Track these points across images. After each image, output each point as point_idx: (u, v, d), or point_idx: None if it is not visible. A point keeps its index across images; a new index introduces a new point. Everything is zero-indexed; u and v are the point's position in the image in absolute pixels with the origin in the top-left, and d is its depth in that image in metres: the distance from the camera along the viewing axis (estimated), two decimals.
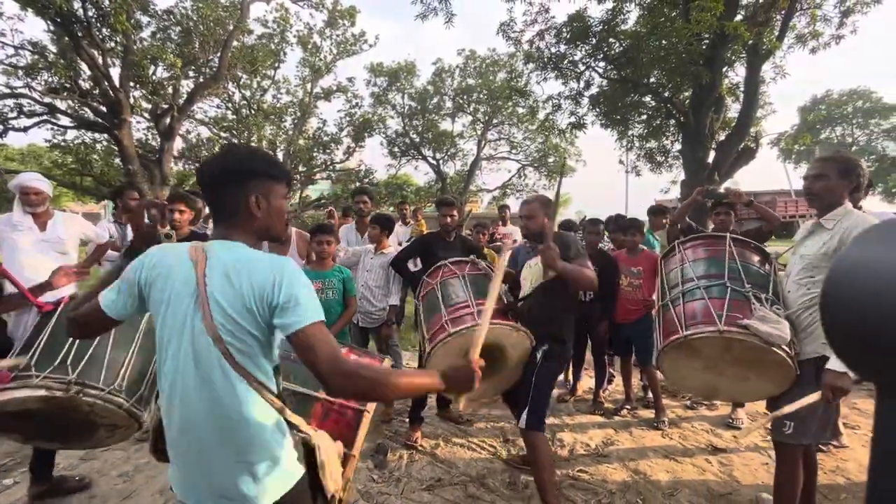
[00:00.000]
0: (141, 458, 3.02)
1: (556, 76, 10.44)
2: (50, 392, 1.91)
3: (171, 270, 1.11)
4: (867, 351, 0.42)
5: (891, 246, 0.41)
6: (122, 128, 10.85)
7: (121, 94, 10.84)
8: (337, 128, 19.67)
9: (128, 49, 10.81)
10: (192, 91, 12.87)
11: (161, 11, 12.00)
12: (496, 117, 21.82)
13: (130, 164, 10.86)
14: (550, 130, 12.46)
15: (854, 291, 0.42)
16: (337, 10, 16.76)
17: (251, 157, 1.19)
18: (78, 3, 9.44)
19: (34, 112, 11.72)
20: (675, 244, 2.69)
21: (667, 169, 12.61)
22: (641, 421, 3.64)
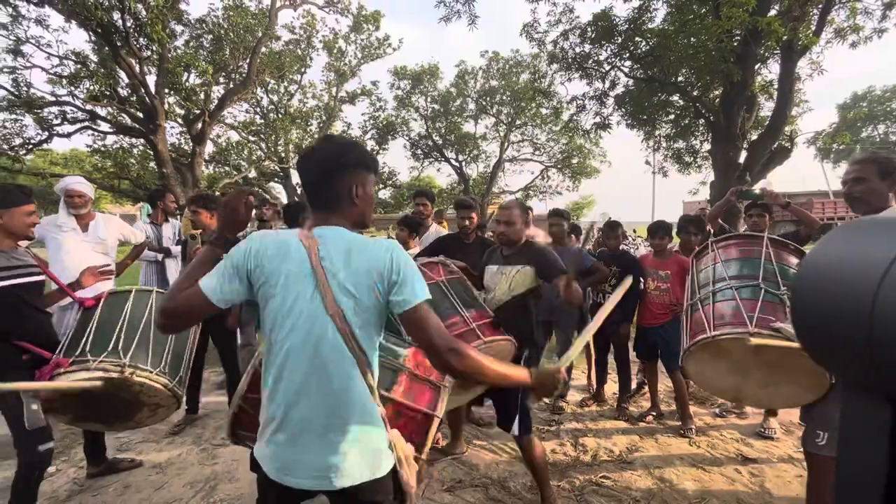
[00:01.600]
0: (173, 451, 3.14)
1: (580, 76, 10.31)
2: (107, 373, 2.13)
3: (285, 256, 1.14)
4: (830, 344, 0.43)
5: (853, 243, 0.43)
6: (157, 133, 11.31)
7: (156, 101, 11.30)
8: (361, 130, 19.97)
9: (163, 57, 11.26)
10: (223, 96, 13.30)
11: (194, 21, 12.46)
12: (519, 119, 21.70)
13: (164, 168, 11.30)
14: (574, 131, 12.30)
15: (817, 288, 0.44)
16: (362, 15, 17.02)
17: (351, 148, 1.25)
18: (117, 15, 9.90)
19: (77, 119, 12.35)
20: (708, 242, 2.63)
21: (695, 170, 12.27)
22: (667, 428, 3.55)
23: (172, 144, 13.55)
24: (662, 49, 8.64)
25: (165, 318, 1.14)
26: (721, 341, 2.06)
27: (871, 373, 0.39)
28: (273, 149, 18.47)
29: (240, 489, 2.68)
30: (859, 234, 0.44)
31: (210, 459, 3.02)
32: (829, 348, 0.44)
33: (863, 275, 0.38)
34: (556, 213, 4.03)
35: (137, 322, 2.39)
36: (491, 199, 22.79)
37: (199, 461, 3.00)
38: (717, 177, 8.98)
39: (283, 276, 1.14)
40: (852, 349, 0.40)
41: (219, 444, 3.23)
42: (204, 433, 3.40)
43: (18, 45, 11.08)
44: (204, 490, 2.67)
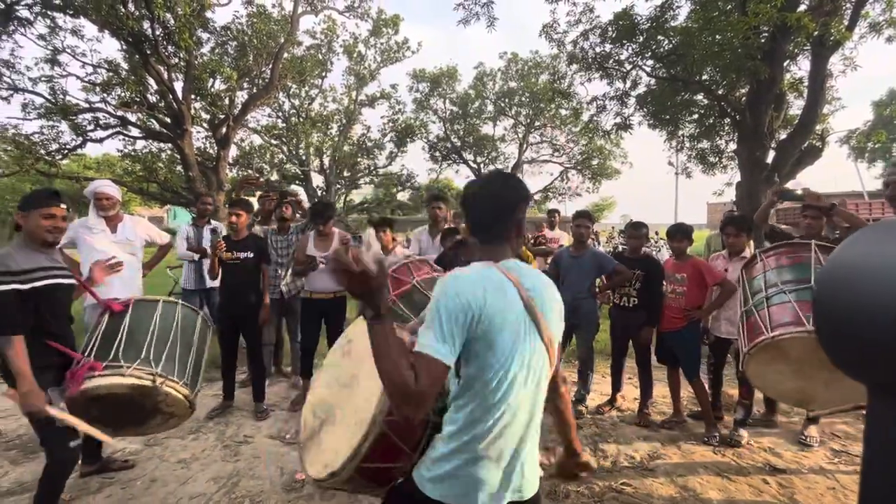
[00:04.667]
0: (197, 446, 3.22)
1: (600, 76, 10.16)
2: (140, 381, 2.22)
3: (502, 295, 1.15)
4: (855, 351, 0.42)
5: (880, 248, 0.42)
6: (184, 137, 11.65)
7: (183, 107, 11.64)
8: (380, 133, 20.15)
9: (190, 64, 11.59)
10: (247, 101, 13.60)
11: (219, 28, 12.78)
12: (538, 120, 21.54)
13: (191, 171, 11.63)
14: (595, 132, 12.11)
15: (843, 293, 0.43)
16: (381, 20, 17.19)
17: (523, 184, 1.33)
18: (147, 24, 10.24)
19: (109, 124, 12.82)
20: (756, 253, 2.64)
21: (720, 170, 11.94)
22: (691, 435, 3.46)
23: (198, 148, 13.93)
24: (686, 47, 8.45)
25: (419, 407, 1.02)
26: (781, 342, 2.06)
27: None
28: (294, 152, 18.79)
29: (261, 486, 2.72)
30: (884, 234, 0.42)
31: (232, 456, 3.08)
32: (852, 351, 0.43)
33: (889, 275, 0.37)
34: (582, 215, 3.98)
35: (166, 333, 2.47)
36: None
37: (221, 457, 3.07)
38: (743, 177, 8.73)
39: (504, 316, 1.14)
40: (878, 351, 0.39)
41: (241, 441, 3.30)
42: (227, 430, 3.48)
43: (55, 54, 11.58)
44: (227, 486, 2.72)
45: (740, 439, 3.28)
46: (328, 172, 19.40)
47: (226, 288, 3.79)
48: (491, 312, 1.11)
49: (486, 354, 1.12)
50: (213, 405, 3.78)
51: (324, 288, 3.90)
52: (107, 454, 2.97)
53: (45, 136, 12.51)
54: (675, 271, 3.59)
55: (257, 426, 3.55)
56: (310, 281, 3.94)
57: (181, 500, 2.59)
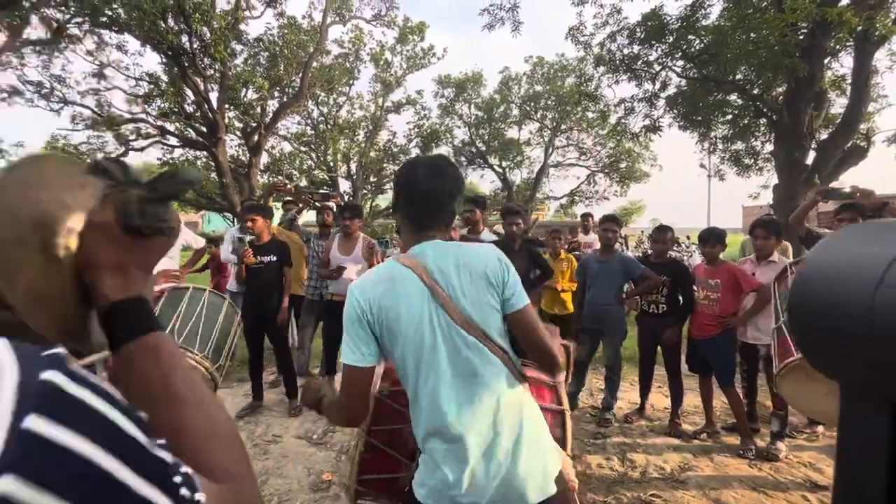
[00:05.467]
0: None
1: (628, 78, 10.00)
2: None
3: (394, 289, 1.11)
4: (828, 350, 0.42)
5: (856, 244, 0.41)
6: (219, 145, 12.12)
7: (218, 116, 12.12)
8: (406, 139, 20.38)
9: (224, 75, 12.07)
10: (277, 110, 14.04)
11: (252, 39, 13.27)
12: (564, 123, 21.33)
13: (224, 178, 12.07)
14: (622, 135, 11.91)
15: (816, 292, 0.42)
16: (407, 27, 17.43)
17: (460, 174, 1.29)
18: (185, 38, 10.74)
19: (149, 134, 13.49)
20: (787, 266, 2.55)
21: (756, 172, 11.52)
22: (724, 447, 3.33)
23: (231, 156, 14.45)
24: (718, 46, 8.21)
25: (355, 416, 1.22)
26: None
27: (870, 375, 0.38)
28: (322, 158, 19.23)
29: (288, 484, 2.79)
30: (863, 233, 0.43)
31: (262, 454, 3.17)
32: (824, 349, 0.44)
33: (862, 272, 0.38)
34: (609, 219, 3.93)
35: (191, 313, 2.66)
36: (535, 204, 22.50)
37: (251, 455, 3.14)
38: (781, 179, 8.38)
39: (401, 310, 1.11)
40: (849, 349, 0.39)
41: (269, 440, 3.38)
42: (256, 429, 3.57)
43: (102, 68, 12.29)
44: None
45: (778, 453, 3.14)
46: (355, 178, 19.74)
47: (249, 291, 3.90)
48: (384, 306, 1.09)
49: (395, 350, 1.11)
50: (243, 405, 3.90)
51: (346, 290, 3.96)
52: None
53: (91, 146, 13.28)
54: (708, 277, 3.48)
55: (285, 426, 3.64)
56: (333, 283, 4.01)
57: None
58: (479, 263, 1.14)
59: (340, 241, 4.01)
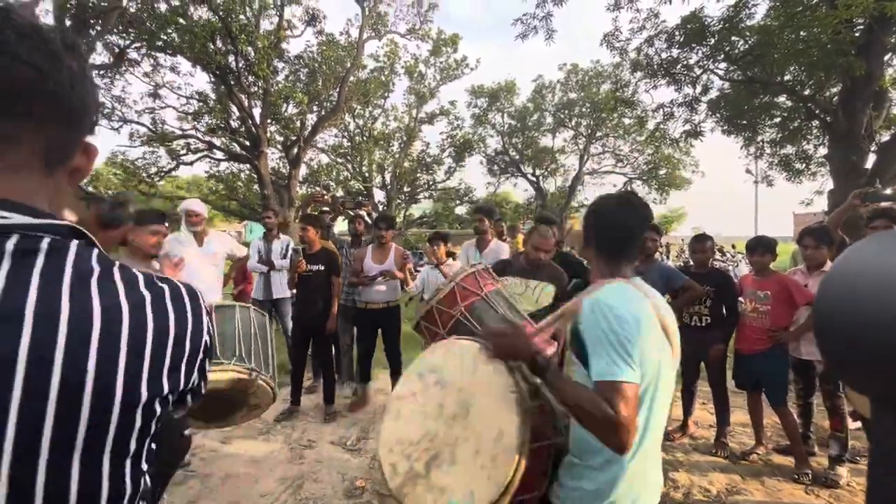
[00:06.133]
0: (267, 448, 3.42)
1: (667, 83, 9.71)
2: (240, 375, 2.49)
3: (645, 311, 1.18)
4: (856, 357, 0.39)
5: (884, 258, 0.37)
6: (261, 159, 12.67)
7: (260, 130, 12.70)
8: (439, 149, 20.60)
9: (267, 91, 12.65)
10: (316, 123, 14.54)
11: (293, 57, 13.85)
12: (600, 130, 20.96)
13: (266, 190, 12.59)
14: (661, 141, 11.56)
15: (842, 298, 0.39)
16: (441, 39, 17.70)
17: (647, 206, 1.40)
18: (231, 58, 11.36)
19: (198, 149, 14.28)
20: None
21: (808, 177, 10.87)
22: (776, 470, 3.12)
23: (273, 168, 15.06)
24: (765, 47, 7.86)
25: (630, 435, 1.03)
26: None
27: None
28: (358, 169, 19.72)
29: (323, 489, 2.83)
30: (888, 242, 0.40)
31: (298, 459, 3.24)
32: (854, 361, 0.40)
33: (889, 283, 0.35)
34: (650, 228, 3.82)
35: (248, 333, 2.75)
36: (570, 212, 22.12)
37: (287, 459, 3.23)
38: (836, 184, 7.87)
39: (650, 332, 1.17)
40: (877, 362, 0.36)
41: (305, 445, 3.46)
42: (293, 434, 3.66)
43: (157, 89, 13.16)
44: (292, 487, 2.86)
45: (838, 479, 2.91)
46: (389, 188, 20.10)
47: (299, 298, 4.05)
48: (643, 327, 1.12)
49: (641, 374, 1.11)
50: (281, 409, 4.01)
51: (377, 299, 4.06)
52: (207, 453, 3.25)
53: (146, 161, 14.19)
54: (757, 288, 3.29)
55: (321, 431, 3.71)
56: (364, 292, 4.09)
57: (252, 498, 2.76)
58: None
59: (374, 250, 4.09)
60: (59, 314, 0.45)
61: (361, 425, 3.82)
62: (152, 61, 12.43)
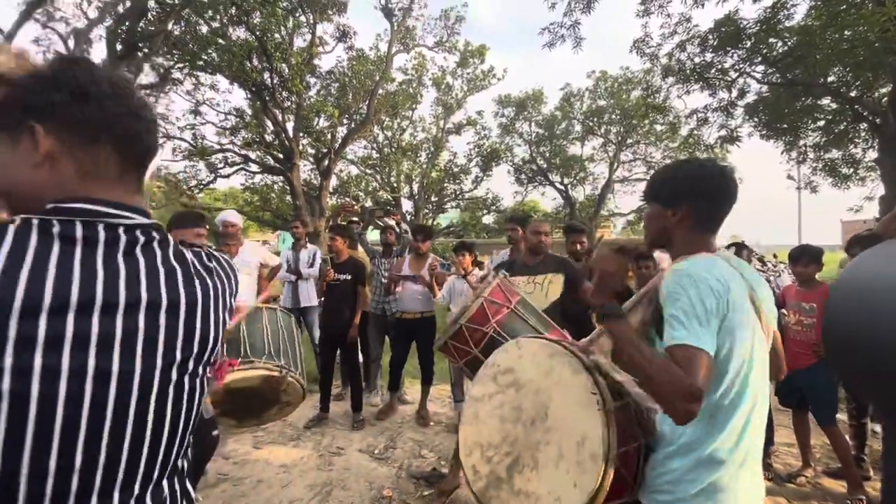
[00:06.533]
0: (297, 455, 3.47)
1: (700, 88, 9.46)
2: (270, 372, 2.62)
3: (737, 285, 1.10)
4: (864, 369, 0.37)
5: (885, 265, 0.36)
6: (293, 171, 13.08)
7: (293, 144, 13.13)
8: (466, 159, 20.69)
9: (299, 106, 13.09)
10: (346, 136, 14.91)
11: (324, 72, 14.29)
12: (630, 137, 20.55)
13: (298, 200, 12.96)
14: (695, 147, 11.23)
15: (850, 308, 0.38)
16: (468, 51, 17.88)
17: None
18: (267, 74, 11.83)
19: (235, 162, 14.88)
20: None
21: (857, 183, 10.31)
22: (826, 494, 2.92)
23: (304, 180, 15.50)
24: (806, 47, 7.56)
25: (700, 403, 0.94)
26: None
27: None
28: (386, 180, 20.03)
29: (351, 497, 2.85)
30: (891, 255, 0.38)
31: (326, 466, 3.27)
32: (863, 373, 0.39)
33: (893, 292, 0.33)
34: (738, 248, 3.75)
35: (276, 333, 2.85)
36: (600, 221, 21.70)
37: (317, 466, 3.27)
38: (887, 189, 7.43)
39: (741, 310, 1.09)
40: (885, 372, 0.34)
41: (334, 452, 3.49)
42: (322, 440, 3.71)
43: (197, 106, 13.84)
44: (321, 494, 2.89)
45: None
46: (417, 198, 20.30)
47: (325, 307, 4.13)
48: (734, 301, 1.06)
49: (730, 348, 1.05)
50: (310, 416, 4.07)
51: (412, 308, 4.10)
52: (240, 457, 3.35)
53: (187, 174, 14.88)
54: (802, 300, 3.13)
55: (349, 439, 3.74)
56: (400, 301, 4.13)
57: (282, 503, 2.80)
58: None
59: (412, 261, 4.16)
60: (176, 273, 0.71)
61: (389, 434, 3.83)
62: (194, 80, 13.10)
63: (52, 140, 0.64)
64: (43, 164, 0.64)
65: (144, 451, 0.64)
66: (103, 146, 0.67)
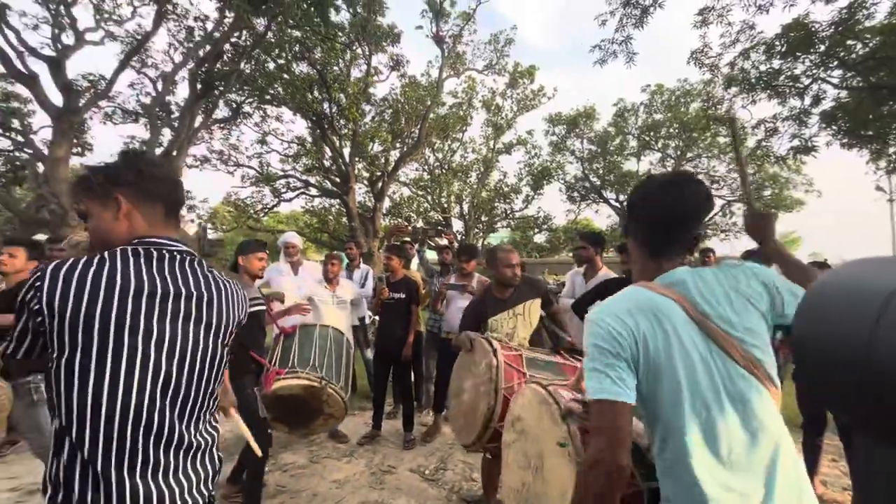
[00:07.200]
0: (350, 470, 3.53)
1: (768, 96, 8.90)
2: (310, 382, 2.82)
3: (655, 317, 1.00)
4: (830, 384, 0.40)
5: (860, 280, 0.39)
6: (349, 194, 13.70)
7: (349, 168, 13.79)
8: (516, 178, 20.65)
9: (356, 133, 13.77)
10: (398, 159, 15.44)
11: (379, 100, 14.99)
12: (690, 151, 19.62)
13: (353, 222, 13.51)
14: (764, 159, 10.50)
15: (815, 320, 0.41)
16: (518, 72, 18.04)
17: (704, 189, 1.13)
18: (326, 104, 12.61)
19: (296, 187, 15.86)
20: None
21: None
22: None
23: (359, 202, 16.15)
24: (891, 48, 6.92)
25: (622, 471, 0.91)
26: None
27: (875, 413, 0.36)
28: (437, 200, 20.40)
29: None
30: (863, 267, 0.41)
31: (378, 484, 3.30)
32: (827, 384, 0.40)
33: (861, 307, 0.36)
34: (753, 254, 3.48)
35: (325, 348, 3.06)
36: None
37: (368, 483, 3.31)
38: None
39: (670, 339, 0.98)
40: (851, 385, 0.37)
41: (385, 470, 3.52)
42: (374, 458, 3.75)
43: (264, 136, 14.95)
44: None
45: None
46: (467, 218, 20.46)
47: (380, 325, 4.23)
48: (647, 338, 0.97)
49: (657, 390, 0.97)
50: (363, 432, 4.14)
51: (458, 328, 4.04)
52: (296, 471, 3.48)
53: (253, 199, 16.01)
54: None
55: (400, 458, 3.75)
56: (448, 321, 4.13)
57: None
58: (751, 287, 1.04)
59: (457, 280, 4.18)
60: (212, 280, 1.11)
61: (440, 455, 3.80)
62: (262, 113, 14.22)
63: (129, 203, 1.05)
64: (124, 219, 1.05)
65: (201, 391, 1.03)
66: (156, 204, 1.08)
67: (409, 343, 4.11)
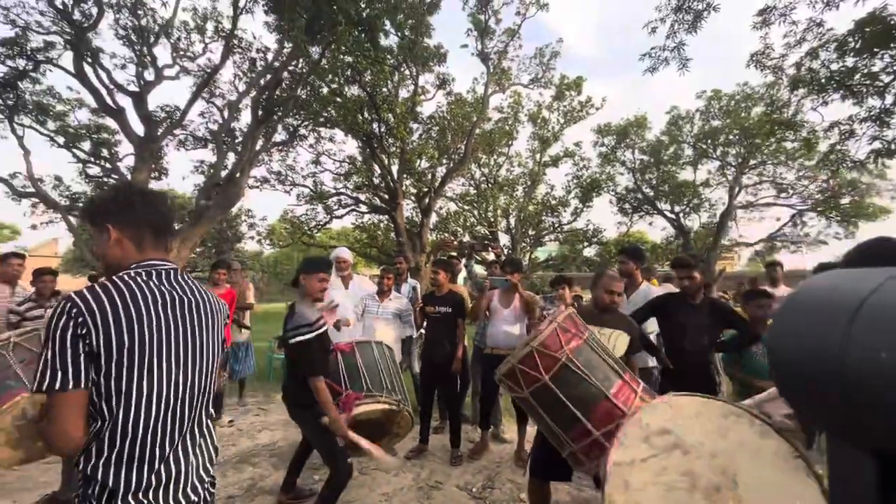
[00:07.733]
0: (398, 483, 3.56)
1: (842, 97, 8.22)
2: (390, 406, 2.85)
3: None
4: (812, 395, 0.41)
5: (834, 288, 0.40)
6: (397, 210, 14.04)
7: (397, 185, 14.16)
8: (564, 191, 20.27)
9: (403, 150, 14.16)
10: (445, 175, 15.65)
11: (426, 118, 15.35)
12: (753, 158, 18.41)
13: (401, 237, 13.79)
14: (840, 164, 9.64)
15: (790, 326, 0.42)
16: (564, 84, 17.86)
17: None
18: (375, 125, 13.11)
19: (347, 204, 16.49)
20: None
21: None
22: None
23: (407, 218, 16.48)
24: None
25: None
26: None
27: (849, 419, 0.37)
28: (483, 215, 20.41)
29: None
30: (840, 277, 0.41)
31: (425, 498, 3.30)
32: (802, 391, 0.41)
33: (836, 309, 0.37)
34: (825, 268, 3.20)
35: (388, 368, 3.09)
36: (720, 252, 19.45)
37: (416, 498, 3.31)
38: None
39: None
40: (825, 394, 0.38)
41: (433, 485, 3.51)
42: (422, 472, 3.76)
43: (318, 157, 15.73)
44: None
45: None
46: (514, 232, 20.28)
47: (427, 339, 4.27)
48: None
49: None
50: (410, 447, 4.17)
51: (503, 344, 3.96)
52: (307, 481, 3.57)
53: (308, 216, 16.81)
54: None
55: (447, 473, 3.73)
56: (491, 336, 4.09)
57: None
58: None
59: (501, 293, 4.13)
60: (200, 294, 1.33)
61: (487, 473, 3.75)
62: (316, 135, 14.99)
63: (117, 231, 1.20)
64: (115, 245, 1.21)
65: (207, 385, 1.28)
66: (144, 230, 1.23)
67: (457, 357, 4.11)
